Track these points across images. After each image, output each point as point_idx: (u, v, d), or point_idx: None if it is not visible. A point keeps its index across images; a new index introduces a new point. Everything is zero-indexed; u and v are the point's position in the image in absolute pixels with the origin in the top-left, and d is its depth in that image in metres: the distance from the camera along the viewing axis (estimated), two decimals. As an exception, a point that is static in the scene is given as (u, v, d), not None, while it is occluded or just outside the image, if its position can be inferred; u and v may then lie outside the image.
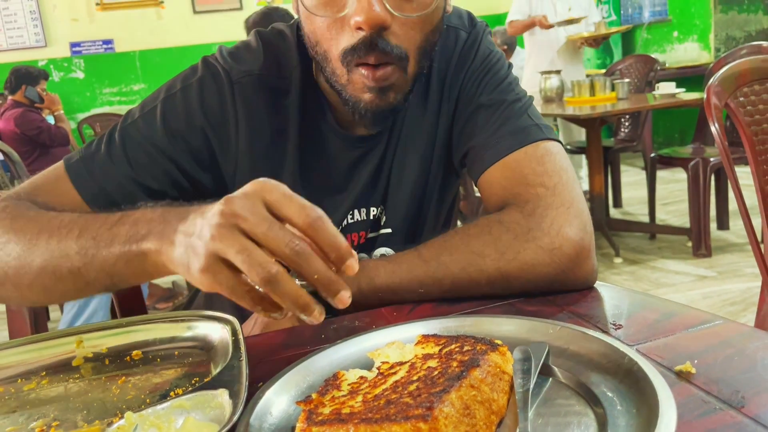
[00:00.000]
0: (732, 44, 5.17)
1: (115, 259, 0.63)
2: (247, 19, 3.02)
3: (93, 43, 6.30)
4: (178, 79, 0.86)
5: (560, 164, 0.79)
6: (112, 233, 0.64)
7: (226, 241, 0.50)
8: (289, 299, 0.50)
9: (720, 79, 1.36)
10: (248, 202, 0.52)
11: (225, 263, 0.51)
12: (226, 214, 0.51)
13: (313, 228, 0.51)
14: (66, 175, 0.81)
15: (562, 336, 0.56)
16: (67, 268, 0.66)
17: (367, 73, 0.73)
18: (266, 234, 0.50)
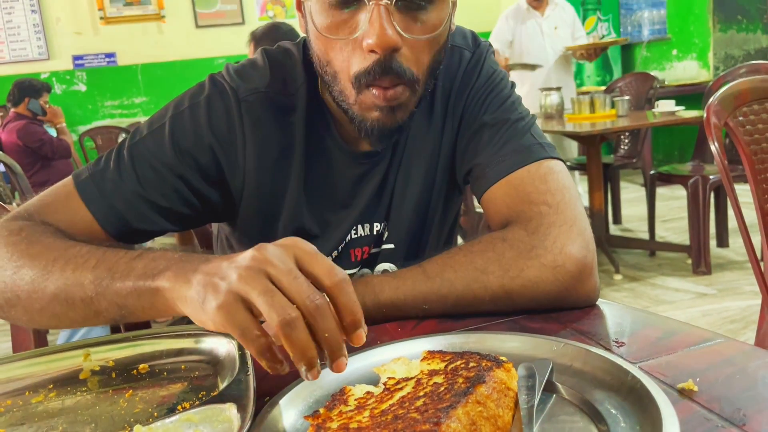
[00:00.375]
0: (731, 63, 5.21)
1: (128, 291, 0.64)
2: (253, 32, 3.05)
3: (95, 56, 6.34)
4: (185, 97, 0.86)
5: (563, 183, 0.81)
6: (129, 266, 0.65)
7: (252, 283, 0.51)
8: (299, 348, 0.50)
9: (719, 98, 1.37)
10: (280, 252, 0.53)
11: (243, 305, 0.51)
12: (257, 259, 0.53)
13: (338, 288, 0.52)
14: (76, 193, 0.82)
15: (566, 353, 0.57)
16: (80, 297, 0.67)
17: (378, 93, 0.74)
18: (291, 283, 0.51)
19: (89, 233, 0.80)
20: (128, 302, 0.64)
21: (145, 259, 0.65)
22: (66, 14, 6.23)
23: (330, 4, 0.72)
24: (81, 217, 0.81)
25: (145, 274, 0.63)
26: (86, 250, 0.70)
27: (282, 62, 0.89)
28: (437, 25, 0.74)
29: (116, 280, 0.65)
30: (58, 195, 0.83)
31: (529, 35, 4.13)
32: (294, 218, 0.88)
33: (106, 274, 0.66)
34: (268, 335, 0.51)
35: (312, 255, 0.54)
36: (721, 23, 5.24)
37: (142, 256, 0.66)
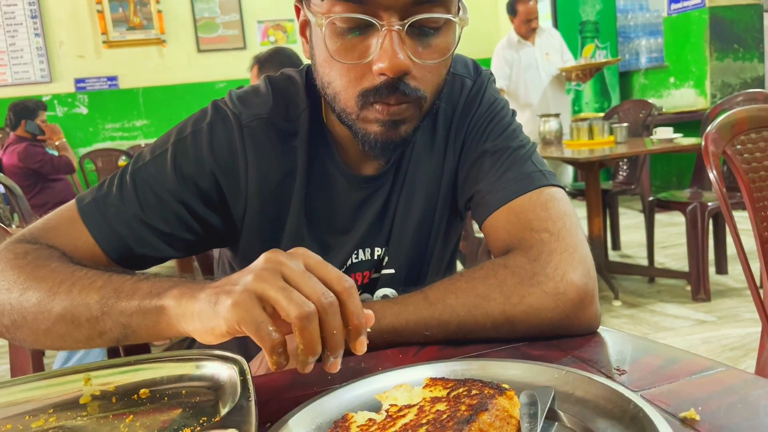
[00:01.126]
0: (728, 91, 5.26)
1: (133, 310, 0.65)
2: (257, 56, 3.08)
3: (97, 79, 6.40)
4: (188, 123, 0.87)
5: (563, 210, 0.81)
6: (135, 287, 0.67)
7: (269, 281, 0.54)
8: (310, 342, 0.53)
9: (717, 127, 1.39)
10: (291, 257, 0.57)
11: (258, 302, 0.54)
12: (272, 260, 0.56)
13: (347, 293, 0.55)
14: (79, 217, 0.82)
15: (568, 381, 0.57)
16: (86, 317, 0.68)
17: (381, 108, 0.75)
18: (306, 281, 0.55)
19: (92, 257, 0.81)
20: (133, 321, 0.65)
21: (151, 280, 0.67)
22: (69, 38, 6.29)
23: (341, 29, 0.73)
24: (84, 242, 0.81)
25: (151, 293, 0.65)
26: (92, 273, 0.71)
27: (285, 89, 0.90)
28: (445, 50, 0.75)
29: (122, 299, 0.66)
30: (62, 219, 0.83)
31: (525, 65, 4.22)
32: (295, 243, 0.89)
33: (112, 294, 0.67)
34: (282, 331, 0.53)
35: (321, 263, 0.57)
36: (718, 52, 5.29)
37: (148, 278, 0.68)
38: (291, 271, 0.55)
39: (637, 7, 6.49)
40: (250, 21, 6.73)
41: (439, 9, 0.72)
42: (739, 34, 5.30)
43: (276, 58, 2.88)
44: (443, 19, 0.73)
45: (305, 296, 0.53)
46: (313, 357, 0.54)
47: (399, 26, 0.71)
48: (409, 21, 0.71)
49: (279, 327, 0.54)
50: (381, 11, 0.70)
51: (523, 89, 4.24)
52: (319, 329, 0.53)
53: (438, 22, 0.73)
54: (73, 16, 6.28)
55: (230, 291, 0.55)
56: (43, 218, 0.84)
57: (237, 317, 0.54)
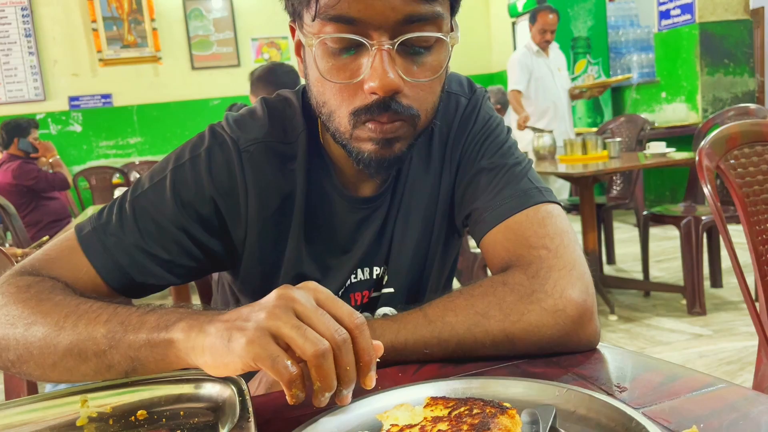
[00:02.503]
0: (719, 105, 5.30)
1: (141, 343, 0.65)
2: (253, 72, 3.09)
3: (92, 97, 6.41)
4: (186, 149, 0.87)
5: (561, 226, 0.81)
6: (142, 320, 0.66)
7: (283, 318, 0.55)
8: (327, 378, 0.54)
9: (711, 142, 1.40)
10: (303, 293, 0.58)
11: (273, 339, 0.55)
12: (285, 297, 0.57)
13: (358, 330, 0.57)
14: (79, 248, 0.82)
15: (569, 399, 0.57)
16: (93, 351, 0.68)
17: (374, 126, 0.75)
18: (319, 318, 0.56)
19: (93, 287, 0.81)
20: (141, 354, 0.65)
21: (158, 312, 0.67)
22: (63, 56, 6.31)
23: (332, 49, 0.73)
24: (85, 272, 0.81)
25: (158, 326, 0.65)
26: (97, 306, 0.71)
27: (281, 111, 0.90)
28: (437, 68, 0.75)
29: (129, 332, 0.66)
30: (62, 249, 0.83)
31: (543, 76, 4.42)
32: (295, 265, 0.89)
33: (119, 328, 0.67)
34: (299, 365, 0.54)
35: (332, 298, 0.58)
36: (709, 67, 5.34)
37: (154, 311, 0.67)
38: (303, 308, 0.56)
39: (628, 23, 6.56)
40: (244, 39, 6.76)
41: (429, 28, 0.72)
42: (730, 49, 5.35)
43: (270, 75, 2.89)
44: (434, 38, 0.73)
45: (320, 332, 0.55)
46: (329, 392, 0.55)
47: (389, 45, 0.71)
48: (399, 40, 0.71)
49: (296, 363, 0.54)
50: (371, 31, 0.70)
51: (542, 95, 4.44)
52: None
53: (429, 40, 0.73)
54: (67, 34, 6.30)
55: (243, 328, 0.56)
56: (42, 249, 0.83)
57: (252, 355, 0.54)
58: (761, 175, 1.42)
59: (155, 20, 6.49)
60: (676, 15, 5.47)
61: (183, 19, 6.59)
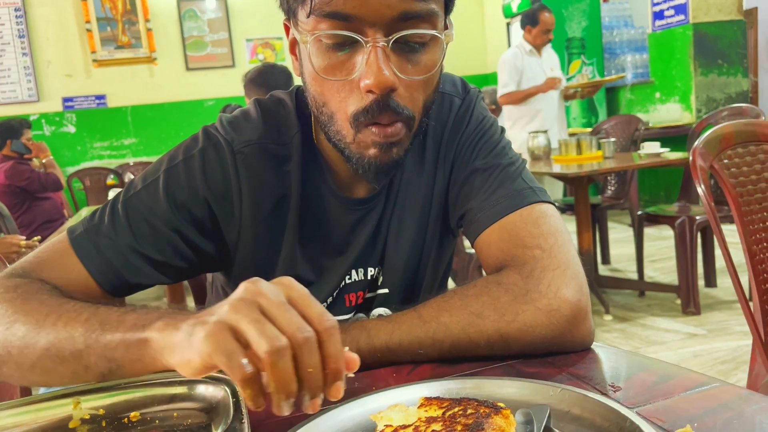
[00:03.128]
0: (713, 105, 5.32)
1: (116, 343, 0.63)
2: (246, 74, 3.09)
3: (85, 98, 6.39)
4: (179, 150, 0.86)
5: (555, 226, 0.81)
6: (120, 319, 0.65)
7: (242, 311, 0.51)
8: (282, 380, 0.50)
9: (704, 141, 1.40)
10: (273, 287, 0.53)
11: (231, 333, 0.51)
12: (250, 290, 0.53)
13: (327, 333, 0.52)
14: (71, 249, 0.81)
15: (564, 399, 0.57)
16: (70, 351, 0.66)
17: (378, 130, 0.75)
18: (282, 314, 0.51)
19: (85, 289, 0.80)
20: (117, 355, 0.64)
21: (138, 312, 0.65)
22: (57, 57, 6.29)
23: (327, 46, 0.73)
24: (77, 274, 0.80)
25: (135, 325, 0.63)
26: (80, 305, 0.70)
27: (275, 112, 0.90)
28: (431, 66, 0.75)
29: (106, 332, 0.64)
30: (54, 252, 0.82)
31: (534, 74, 4.39)
32: (290, 266, 0.88)
33: (97, 327, 0.66)
34: (255, 365, 0.50)
35: (304, 297, 0.54)
36: (702, 67, 5.36)
37: (135, 310, 0.66)
38: (268, 302, 0.52)
39: (622, 24, 6.58)
40: (238, 39, 6.75)
41: (424, 25, 0.72)
42: (723, 50, 5.37)
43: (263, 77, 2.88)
44: (429, 35, 0.73)
45: (281, 328, 0.50)
46: (287, 397, 0.50)
47: (384, 42, 0.71)
48: (394, 37, 0.71)
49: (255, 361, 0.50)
50: (366, 28, 0.70)
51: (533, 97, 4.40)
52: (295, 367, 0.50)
53: (424, 37, 0.73)
54: (61, 35, 6.28)
55: (205, 322, 0.53)
56: (34, 252, 0.83)
57: (209, 349, 0.51)
58: (755, 174, 1.42)
59: (149, 21, 6.47)
60: (670, 16, 5.48)
61: (177, 20, 6.58)
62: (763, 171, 1.43)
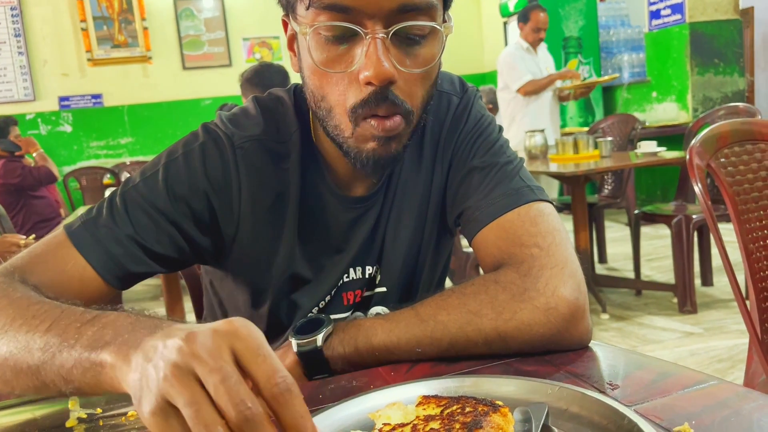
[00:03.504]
0: (709, 105, 5.33)
1: (72, 363, 0.58)
2: (242, 74, 3.08)
3: (82, 97, 6.37)
4: (178, 145, 0.86)
5: (553, 225, 0.81)
6: (79, 333, 0.59)
7: (178, 387, 0.44)
8: None
9: (701, 140, 1.40)
10: (213, 344, 0.45)
11: (174, 410, 0.45)
12: (185, 353, 0.45)
13: (277, 402, 0.45)
14: (69, 242, 0.80)
15: (562, 397, 0.57)
16: (27, 364, 0.61)
17: (376, 123, 0.74)
18: (218, 387, 0.43)
19: (82, 282, 0.79)
20: (74, 376, 0.58)
21: (96, 325, 0.59)
22: (53, 56, 6.28)
23: (326, 38, 0.73)
24: (73, 265, 0.79)
25: (91, 344, 0.57)
26: (45, 308, 0.65)
27: (274, 109, 0.90)
28: (430, 59, 0.75)
29: (63, 349, 0.59)
30: (49, 246, 0.81)
31: (532, 74, 4.41)
32: (288, 264, 0.88)
33: (55, 341, 0.60)
34: None
35: (253, 351, 0.46)
36: (699, 66, 5.37)
37: (94, 321, 0.60)
38: (204, 369, 0.44)
39: (619, 23, 6.59)
40: (235, 38, 6.74)
41: (423, 17, 0.72)
42: (720, 49, 5.38)
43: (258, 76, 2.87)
44: (428, 28, 0.73)
45: (220, 406, 0.43)
46: None
47: (383, 34, 0.71)
48: (393, 29, 0.71)
49: None
50: (365, 19, 0.70)
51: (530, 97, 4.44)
52: None
53: (423, 30, 0.73)
54: (57, 34, 6.26)
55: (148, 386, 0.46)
56: (28, 248, 0.81)
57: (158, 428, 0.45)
58: (751, 173, 1.42)
59: (146, 20, 6.46)
60: (667, 15, 5.49)
61: (174, 19, 6.57)
62: (759, 170, 1.43)
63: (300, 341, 0.75)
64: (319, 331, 0.75)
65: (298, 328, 0.77)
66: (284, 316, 0.91)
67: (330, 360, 0.75)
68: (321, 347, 0.74)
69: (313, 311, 0.91)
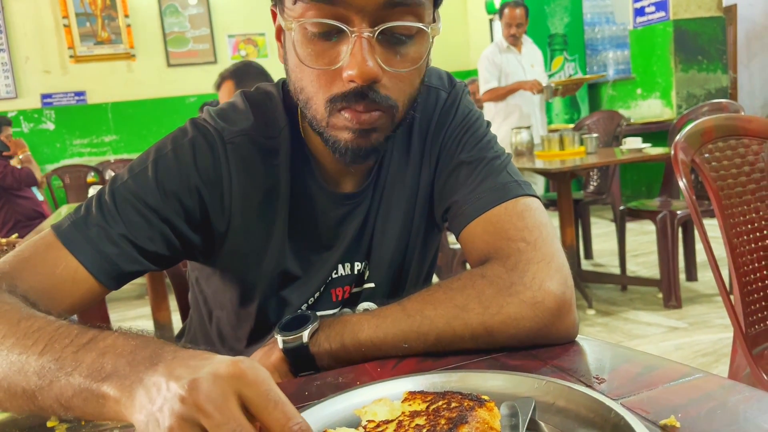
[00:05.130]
0: (693, 101, 5.37)
1: (73, 392, 0.55)
2: (220, 74, 3.05)
3: (65, 94, 6.31)
4: (167, 140, 0.85)
5: (539, 219, 0.81)
6: (77, 359, 0.57)
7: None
8: None
9: (686, 136, 1.41)
10: (218, 393, 0.44)
11: None
12: (189, 405, 0.44)
13: None
14: (59, 243, 0.77)
15: (549, 391, 0.57)
16: (22, 388, 0.59)
17: (351, 116, 0.73)
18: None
19: (74, 283, 0.76)
20: (74, 404, 0.56)
21: (94, 351, 0.57)
22: (35, 53, 6.20)
23: (312, 34, 0.72)
24: (64, 268, 0.76)
25: (92, 374, 0.55)
26: (38, 325, 0.62)
27: (262, 104, 0.88)
28: (416, 59, 0.75)
29: (61, 375, 0.56)
30: (38, 248, 0.78)
31: (513, 71, 4.38)
32: (278, 261, 0.87)
33: (53, 365, 0.57)
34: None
35: (264, 397, 0.45)
36: (683, 63, 5.41)
37: (91, 347, 0.57)
38: (211, 425, 0.44)
39: (604, 20, 6.62)
40: (220, 35, 6.70)
41: (410, 16, 0.71)
42: (703, 46, 5.43)
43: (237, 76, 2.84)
44: (415, 28, 0.73)
45: None
46: None
47: (369, 33, 0.70)
48: (379, 28, 0.70)
49: None
50: (352, 15, 0.69)
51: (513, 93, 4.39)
52: None
53: (410, 29, 0.73)
54: (39, 30, 6.19)
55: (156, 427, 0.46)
56: (14, 251, 0.79)
57: None
58: (735, 168, 1.43)
59: (129, 17, 6.40)
60: (651, 12, 5.53)
61: (158, 16, 6.51)
62: (743, 165, 1.44)
63: (286, 338, 0.74)
64: (305, 327, 0.74)
65: (284, 325, 0.76)
66: (272, 313, 0.90)
67: (316, 356, 0.74)
68: (307, 344, 0.74)
69: (302, 308, 0.91)
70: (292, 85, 0.79)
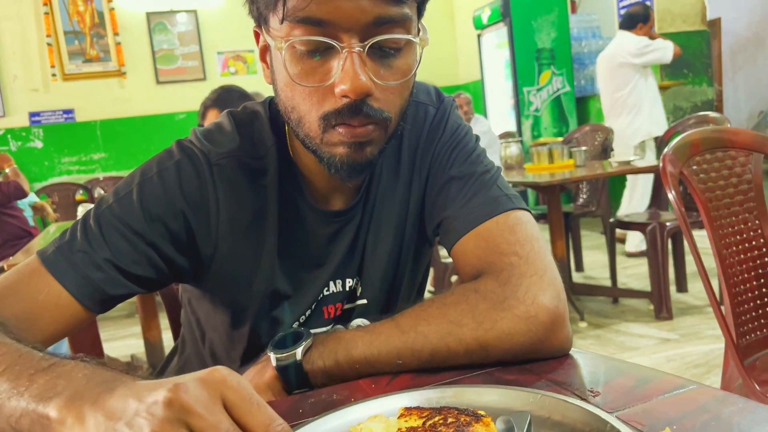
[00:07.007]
0: (679, 114, 5.42)
1: (20, 414, 0.54)
2: (203, 103, 3.04)
3: (53, 112, 6.28)
4: (152, 163, 0.84)
5: (531, 233, 0.81)
6: (30, 381, 0.55)
7: None
8: None
9: (674, 148, 1.42)
10: (204, 395, 0.45)
11: None
12: (176, 407, 0.44)
13: None
14: (43, 269, 0.76)
15: (544, 405, 0.57)
16: None
17: (345, 131, 0.74)
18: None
19: (57, 310, 0.76)
20: (22, 426, 0.53)
21: (50, 374, 0.55)
22: (23, 71, 6.19)
23: (302, 52, 0.72)
24: (48, 294, 0.75)
25: (41, 395, 0.53)
26: (4, 351, 0.61)
27: (249, 124, 0.88)
28: (406, 71, 0.75)
29: (13, 397, 0.55)
30: (22, 274, 0.77)
31: None
32: (268, 281, 0.87)
33: (7, 386, 0.56)
34: None
35: (246, 400, 0.45)
36: (669, 77, 5.47)
37: (48, 370, 0.56)
38: (200, 423, 0.43)
39: (591, 35, 6.68)
40: (209, 52, 6.71)
41: (399, 30, 0.72)
42: (688, 60, 5.48)
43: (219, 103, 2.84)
44: (404, 40, 0.73)
45: None
46: None
47: (359, 48, 0.70)
48: (369, 42, 0.70)
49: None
50: (341, 33, 0.70)
51: None
52: None
53: (399, 42, 0.73)
54: (27, 49, 6.18)
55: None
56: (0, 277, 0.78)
57: None
58: (722, 180, 1.45)
59: (119, 34, 6.40)
60: (637, 26, 5.58)
61: (147, 33, 6.51)
62: (730, 176, 1.46)
63: (279, 355, 0.73)
64: (299, 344, 0.74)
65: (277, 342, 0.76)
66: (265, 333, 0.89)
67: (310, 374, 0.74)
68: (300, 361, 0.73)
69: (294, 326, 0.90)
70: (282, 105, 0.79)
